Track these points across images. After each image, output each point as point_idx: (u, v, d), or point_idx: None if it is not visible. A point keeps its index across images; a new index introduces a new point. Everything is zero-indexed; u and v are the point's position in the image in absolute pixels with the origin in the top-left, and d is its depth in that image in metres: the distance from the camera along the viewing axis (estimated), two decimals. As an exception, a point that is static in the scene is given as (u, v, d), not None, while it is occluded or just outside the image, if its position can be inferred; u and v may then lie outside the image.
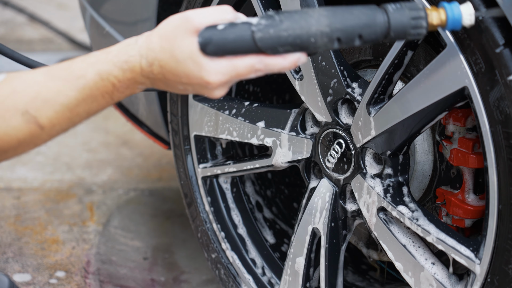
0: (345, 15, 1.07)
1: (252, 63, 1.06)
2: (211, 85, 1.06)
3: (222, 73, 1.06)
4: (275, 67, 1.08)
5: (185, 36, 1.06)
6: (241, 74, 1.07)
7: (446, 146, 1.43)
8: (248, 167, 1.72)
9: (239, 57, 1.06)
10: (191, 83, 1.07)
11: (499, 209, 1.23)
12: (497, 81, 1.18)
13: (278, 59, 1.07)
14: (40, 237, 2.29)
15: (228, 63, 1.06)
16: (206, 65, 1.05)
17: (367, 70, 1.59)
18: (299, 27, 1.06)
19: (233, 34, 1.06)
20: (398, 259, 1.43)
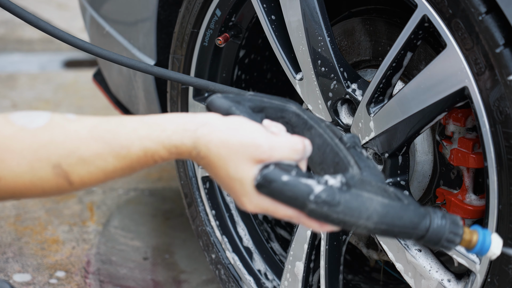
0: (395, 217, 1.06)
1: (291, 215, 1.03)
2: (246, 209, 1.03)
3: (261, 208, 1.02)
4: (309, 227, 1.05)
5: (247, 161, 1.01)
6: (276, 216, 1.04)
7: (446, 146, 1.43)
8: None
9: (283, 205, 1.02)
10: (228, 190, 1.04)
11: (499, 209, 1.23)
12: (497, 81, 1.18)
13: (315, 224, 1.03)
14: (40, 237, 2.29)
15: (271, 205, 1.02)
16: (251, 196, 1.01)
17: (367, 70, 1.59)
18: (350, 215, 1.04)
19: (291, 192, 1.02)
20: (398, 259, 1.43)
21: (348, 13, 1.65)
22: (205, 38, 1.72)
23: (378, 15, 1.57)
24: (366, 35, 1.59)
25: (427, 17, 1.26)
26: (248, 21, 1.72)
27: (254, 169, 1.01)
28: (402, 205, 1.06)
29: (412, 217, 1.07)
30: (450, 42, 1.23)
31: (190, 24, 1.72)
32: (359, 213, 1.04)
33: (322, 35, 1.45)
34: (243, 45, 1.77)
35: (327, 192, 1.02)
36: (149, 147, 1.01)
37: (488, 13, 1.17)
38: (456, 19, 1.21)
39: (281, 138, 1.02)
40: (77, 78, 3.84)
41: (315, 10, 1.45)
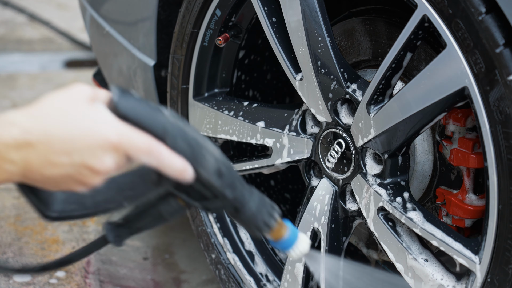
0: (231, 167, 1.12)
1: (151, 143, 1.02)
2: (109, 142, 0.99)
3: (123, 134, 1.00)
4: (166, 161, 1.03)
5: (80, 101, 1.00)
6: (138, 148, 1.01)
7: (446, 146, 1.43)
8: (247, 167, 1.73)
9: (142, 131, 1.02)
10: (83, 146, 0.99)
11: (499, 209, 1.23)
12: (497, 81, 1.18)
13: (172, 155, 1.04)
14: (40, 237, 2.29)
15: (131, 129, 1.01)
16: (111, 121, 1.00)
17: (367, 70, 1.59)
18: (201, 136, 1.08)
19: (148, 107, 1.05)
20: (398, 260, 1.43)
21: (348, 13, 1.65)
22: (205, 38, 1.72)
23: (378, 15, 1.57)
24: (366, 35, 1.59)
25: (427, 17, 1.26)
26: (248, 21, 1.72)
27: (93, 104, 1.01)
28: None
29: (240, 179, 1.12)
30: (450, 42, 1.23)
31: (190, 24, 1.72)
32: (205, 139, 1.09)
33: (322, 35, 1.45)
34: (243, 46, 1.77)
35: (174, 112, 1.07)
36: None
37: (488, 13, 1.17)
38: (456, 19, 1.21)
39: None
40: (77, 78, 3.84)
41: (315, 10, 1.45)
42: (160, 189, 1.10)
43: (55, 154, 0.99)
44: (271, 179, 1.97)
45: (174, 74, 1.80)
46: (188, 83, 1.78)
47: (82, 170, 1.00)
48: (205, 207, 1.13)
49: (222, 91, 1.79)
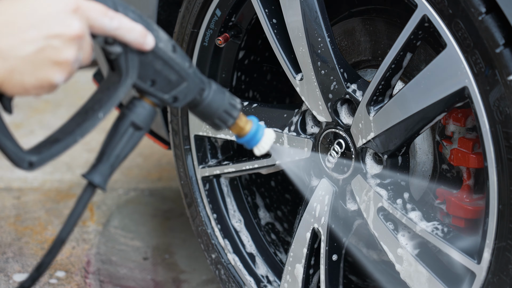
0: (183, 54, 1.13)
1: (107, 9, 1.04)
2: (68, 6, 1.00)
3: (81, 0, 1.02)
4: (127, 26, 1.05)
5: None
6: (99, 13, 1.03)
7: (446, 146, 1.43)
8: (247, 167, 1.73)
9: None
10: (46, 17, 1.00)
11: (499, 209, 1.23)
12: (497, 81, 1.18)
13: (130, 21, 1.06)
14: (40, 237, 2.29)
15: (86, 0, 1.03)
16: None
17: (367, 70, 1.59)
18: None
19: None
20: (398, 260, 1.43)
21: (348, 13, 1.65)
22: (205, 38, 1.72)
23: (378, 15, 1.57)
24: (366, 35, 1.59)
25: (427, 17, 1.26)
26: (248, 22, 1.72)
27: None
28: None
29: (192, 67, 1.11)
30: (450, 42, 1.23)
31: (190, 24, 1.72)
32: None
33: (322, 35, 1.45)
34: (243, 47, 1.77)
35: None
36: None
37: (488, 13, 1.17)
38: (456, 19, 1.21)
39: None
40: (77, 78, 3.84)
41: (315, 10, 1.45)
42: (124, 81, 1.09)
43: (22, 30, 0.99)
44: (271, 180, 1.97)
45: (174, 74, 1.80)
46: (188, 83, 1.78)
47: (53, 40, 1.00)
48: (173, 98, 1.12)
49: (222, 91, 1.79)
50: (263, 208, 1.93)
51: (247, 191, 1.90)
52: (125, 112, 1.13)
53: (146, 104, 1.12)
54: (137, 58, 1.08)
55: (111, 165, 1.12)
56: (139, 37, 1.06)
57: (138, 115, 1.12)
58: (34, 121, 3.36)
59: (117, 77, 1.09)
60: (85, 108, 1.10)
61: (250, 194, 1.91)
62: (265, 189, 1.95)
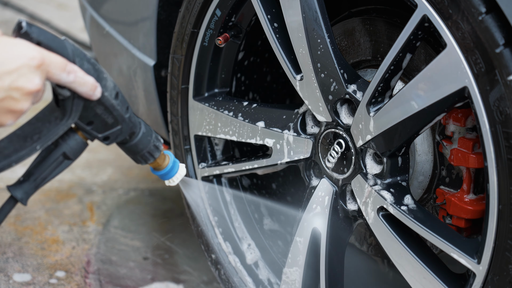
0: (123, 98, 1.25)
1: (66, 62, 1.13)
2: (35, 60, 1.08)
3: (44, 53, 1.10)
4: (82, 79, 1.16)
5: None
6: (57, 64, 1.12)
7: (446, 146, 1.43)
8: (247, 167, 1.73)
9: (51, 52, 1.13)
10: (10, 70, 1.07)
11: (499, 209, 1.23)
12: (497, 81, 1.18)
13: (86, 74, 1.16)
14: (40, 237, 2.29)
15: (48, 51, 1.12)
16: (30, 45, 1.10)
17: (367, 70, 1.59)
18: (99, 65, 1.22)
19: (50, 33, 1.15)
20: (398, 260, 1.43)
21: (348, 13, 1.65)
22: (205, 38, 1.72)
23: (378, 15, 1.57)
24: (366, 35, 1.59)
25: (427, 17, 1.26)
26: (248, 21, 1.72)
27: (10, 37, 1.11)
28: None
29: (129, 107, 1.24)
30: (450, 42, 1.23)
31: (190, 24, 1.72)
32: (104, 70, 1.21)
33: (322, 35, 1.45)
34: (242, 49, 1.77)
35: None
36: None
37: (488, 13, 1.17)
38: (456, 19, 1.21)
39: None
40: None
41: (315, 10, 1.45)
42: (65, 120, 1.18)
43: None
44: (272, 182, 1.97)
45: (174, 74, 1.80)
46: (188, 83, 1.78)
47: (13, 92, 1.08)
48: (105, 137, 1.22)
49: (222, 91, 1.79)
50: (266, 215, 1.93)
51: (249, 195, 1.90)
52: (59, 142, 1.23)
53: (79, 137, 1.23)
54: (82, 103, 1.19)
55: (36, 186, 1.24)
56: (89, 90, 1.17)
57: (70, 147, 1.23)
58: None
59: (60, 114, 1.19)
60: (24, 134, 1.19)
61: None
62: (266, 191, 1.95)
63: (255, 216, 1.89)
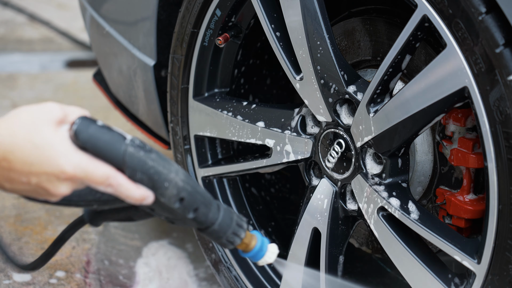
0: (196, 184, 1.16)
1: (110, 175, 1.06)
2: (65, 174, 1.04)
3: (80, 166, 1.04)
4: (125, 192, 1.08)
5: (47, 123, 1.04)
6: (95, 180, 1.06)
7: (446, 146, 1.43)
8: (247, 167, 1.72)
9: (101, 162, 1.06)
10: (42, 174, 1.03)
11: (499, 209, 1.23)
12: (497, 81, 1.18)
13: (132, 186, 1.08)
14: (40, 237, 2.29)
15: (89, 161, 1.05)
16: (68, 153, 1.04)
17: (367, 70, 1.59)
18: (163, 165, 1.11)
19: (109, 135, 1.07)
20: (397, 260, 1.43)
21: (348, 13, 1.65)
22: (205, 38, 1.72)
23: (378, 15, 1.57)
24: (366, 35, 1.59)
25: (427, 17, 1.26)
26: (248, 21, 1.72)
27: (58, 128, 1.04)
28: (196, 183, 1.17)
29: (205, 193, 1.17)
30: (450, 42, 1.23)
31: (190, 24, 1.72)
32: (169, 164, 1.12)
33: (322, 35, 1.45)
34: (242, 49, 1.77)
35: (137, 139, 1.09)
36: None
37: (488, 13, 1.17)
38: (456, 19, 1.21)
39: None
40: (77, 78, 3.84)
41: (315, 10, 1.45)
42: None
43: (15, 173, 1.04)
44: (271, 187, 1.97)
45: (174, 74, 1.80)
46: (188, 83, 1.78)
47: (40, 190, 1.05)
48: (170, 221, 1.17)
49: (222, 91, 1.79)
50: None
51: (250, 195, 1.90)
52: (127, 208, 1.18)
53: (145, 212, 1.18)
54: None
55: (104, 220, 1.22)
56: (135, 201, 1.10)
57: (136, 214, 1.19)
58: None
59: None
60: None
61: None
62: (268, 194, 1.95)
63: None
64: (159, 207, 1.13)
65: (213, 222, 1.18)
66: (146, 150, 1.09)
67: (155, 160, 1.10)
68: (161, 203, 1.12)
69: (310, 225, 1.59)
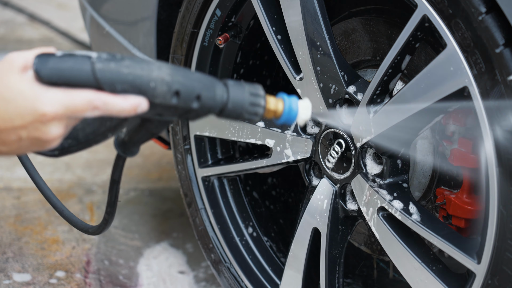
0: (187, 72, 1.08)
1: (91, 98, 1.01)
2: (47, 116, 0.99)
3: (58, 102, 1.00)
4: (114, 107, 1.02)
5: (11, 74, 1.00)
6: (78, 109, 1.01)
7: (446, 146, 1.43)
8: (247, 167, 1.73)
9: (76, 89, 1.01)
10: (26, 125, 1.00)
11: (499, 209, 1.23)
12: (497, 81, 1.18)
13: (118, 99, 1.03)
14: (40, 237, 2.29)
15: (64, 93, 1.00)
16: (40, 94, 0.99)
17: (367, 70, 1.59)
18: (140, 67, 1.04)
19: (72, 61, 1.02)
20: (398, 261, 1.43)
21: (348, 13, 1.65)
22: (205, 38, 1.72)
23: (378, 15, 1.57)
24: (366, 35, 1.59)
25: (427, 17, 1.26)
26: (248, 22, 1.72)
27: (23, 74, 1.00)
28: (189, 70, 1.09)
29: (204, 75, 1.08)
30: (450, 42, 1.23)
31: (190, 24, 1.72)
32: (148, 65, 1.04)
33: (322, 35, 1.45)
34: (241, 50, 1.77)
35: (106, 53, 1.03)
36: None
37: (488, 13, 1.17)
38: (456, 19, 1.21)
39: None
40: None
41: (315, 10, 1.45)
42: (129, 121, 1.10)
43: (2, 133, 1.01)
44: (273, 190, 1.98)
45: (174, 74, 1.80)
46: (188, 83, 1.78)
47: (35, 141, 1.02)
48: (182, 118, 1.12)
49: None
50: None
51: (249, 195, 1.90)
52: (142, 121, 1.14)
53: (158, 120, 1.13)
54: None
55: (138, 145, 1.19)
56: (129, 113, 1.04)
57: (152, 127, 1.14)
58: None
59: None
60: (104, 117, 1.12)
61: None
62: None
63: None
64: (161, 109, 1.07)
65: (224, 102, 1.10)
66: (117, 60, 1.03)
67: (130, 66, 1.04)
68: (159, 104, 1.06)
69: (310, 225, 1.59)
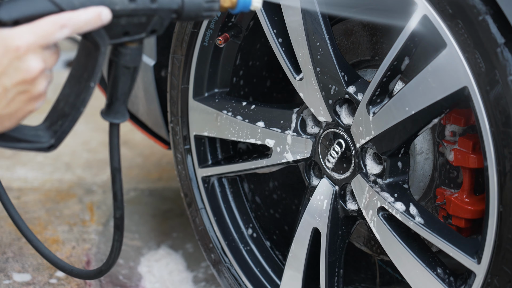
0: None
1: (55, 19, 1.03)
2: (20, 49, 1.00)
3: (26, 33, 1.01)
4: (79, 19, 1.04)
5: None
6: (48, 32, 1.02)
7: (446, 146, 1.43)
8: (247, 167, 1.72)
9: (39, 19, 1.03)
10: (4, 69, 1.00)
11: (499, 209, 1.23)
12: (497, 81, 1.18)
13: (80, 11, 1.05)
14: (40, 237, 2.29)
15: (30, 25, 1.02)
16: (8, 33, 1.00)
17: (367, 70, 1.59)
18: None
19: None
20: (397, 260, 1.43)
21: (348, 13, 1.65)
22: (205, 38, 1.72)
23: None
24: (366, 35, 1.59)
25: (427, 17, 1.26)
26: (248, 22, 1.72)
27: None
28: None
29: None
30: (450, 42, 1.23)
31: (190, 24, 1.72)
32: None
33: (322, 35, 1.45)
34: (241, 52, 1.77)
35: None
36: None
37: (488, 13, 1.17)
38: (456, 19, 1.21)
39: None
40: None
41: (315, 10, 1.45)
42: (101, 50, 1.11)
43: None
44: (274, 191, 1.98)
45: (174, 74, 1.80)
46: (188, 83, 1.78)
47: (21, 87, 1.02)
48: (150, 32, 1.14)
49: (222, 91, 1.79)
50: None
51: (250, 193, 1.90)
52: (114, 61, 1.16)
53: (128, 48, 1.15)
54: (102, 30, 1.09)
55: (123, 102, 1.19)
56: (94, 23, 1.06)
57: (127, 59, 1.15)
58: (35, 121, 3.36)
59: (92, 46, 1.11)
60: (76, 77, 1.14)
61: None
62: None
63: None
64: (124, 16, 1.09)
65: (179, 7, 1.14)
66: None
67: None
68: (120, 10, 1.09)
69: (310, 225, 1.59)
